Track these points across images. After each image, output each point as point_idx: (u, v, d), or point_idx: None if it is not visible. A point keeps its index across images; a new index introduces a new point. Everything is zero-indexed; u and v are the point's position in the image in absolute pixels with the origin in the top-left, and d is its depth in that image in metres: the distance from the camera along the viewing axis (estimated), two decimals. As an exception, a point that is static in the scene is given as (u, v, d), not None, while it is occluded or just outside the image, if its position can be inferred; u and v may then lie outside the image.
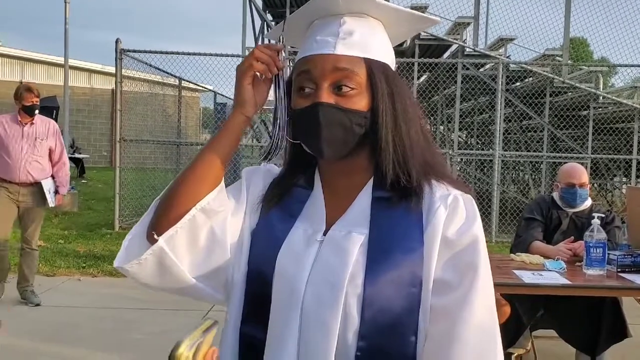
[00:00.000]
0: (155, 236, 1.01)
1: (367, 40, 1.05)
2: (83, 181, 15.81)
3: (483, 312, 0.96)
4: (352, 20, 1.05)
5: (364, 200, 1.06)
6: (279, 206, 1.10)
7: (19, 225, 5.19)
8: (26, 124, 5.02)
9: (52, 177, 5.18)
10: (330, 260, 1.00)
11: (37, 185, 5.04)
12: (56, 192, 5.20)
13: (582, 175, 3.68)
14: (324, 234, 1.05)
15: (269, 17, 11.67)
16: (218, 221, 1.06)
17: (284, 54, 1.08)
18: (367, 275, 0.97)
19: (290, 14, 1.12)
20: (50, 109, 16.14)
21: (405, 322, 0.97)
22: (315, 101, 1.01)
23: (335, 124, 1.01)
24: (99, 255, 7.10)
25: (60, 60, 12.81)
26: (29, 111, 5.00)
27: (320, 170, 1.13)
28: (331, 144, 1.02)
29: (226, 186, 1.12)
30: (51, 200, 5.13)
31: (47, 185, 5.09)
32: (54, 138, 5.19)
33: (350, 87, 1.01)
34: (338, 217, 1.06)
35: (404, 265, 0.97)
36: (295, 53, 1.13)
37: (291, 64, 1.11)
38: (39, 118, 5.15)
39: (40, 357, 3.98)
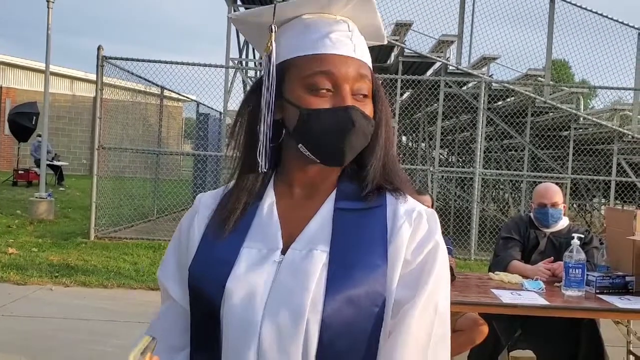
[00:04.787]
0: None
1: (367, 49, 1.04)
2: (61, 189, 15.65)
3: (421, 328, 0.92)
4: (354, 25, 1.02)
5: (325, 212, 1.00)
6: (224, 223, 1.01)
7: None
8: None
9: None
10: (289, 285, 0.93)
11: None
12: None
13: (554, 195, 3.66)
14: (283, 252, 0.97)
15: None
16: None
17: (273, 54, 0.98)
18: (326, 296, 0.90)
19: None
20: (29, 114, 15.91)
21: (366, 346, 0.91)
22: (344, 104, 0.96)
23: (361, 130, 0.97)
24: (73, 264, 6.95)
25: (43, 66, 12.64)
26: None
27: (277, 180, 1.06)
28: (351, 150, 0.98)
29: None
30: None
31: None
32: None
33: (365, 95, 1.00)
34: (294, 232, 0.99)
35: (366, 284, 0.92)
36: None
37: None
38: None
39: (6, 369, 3.86)
